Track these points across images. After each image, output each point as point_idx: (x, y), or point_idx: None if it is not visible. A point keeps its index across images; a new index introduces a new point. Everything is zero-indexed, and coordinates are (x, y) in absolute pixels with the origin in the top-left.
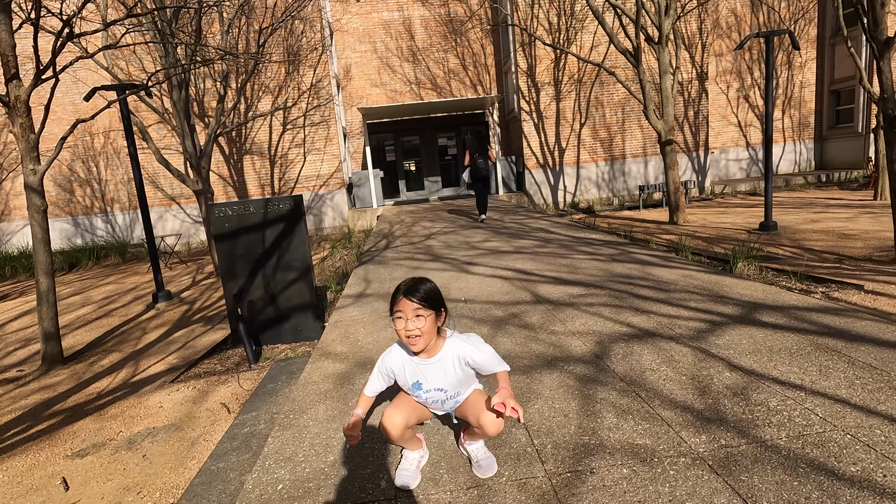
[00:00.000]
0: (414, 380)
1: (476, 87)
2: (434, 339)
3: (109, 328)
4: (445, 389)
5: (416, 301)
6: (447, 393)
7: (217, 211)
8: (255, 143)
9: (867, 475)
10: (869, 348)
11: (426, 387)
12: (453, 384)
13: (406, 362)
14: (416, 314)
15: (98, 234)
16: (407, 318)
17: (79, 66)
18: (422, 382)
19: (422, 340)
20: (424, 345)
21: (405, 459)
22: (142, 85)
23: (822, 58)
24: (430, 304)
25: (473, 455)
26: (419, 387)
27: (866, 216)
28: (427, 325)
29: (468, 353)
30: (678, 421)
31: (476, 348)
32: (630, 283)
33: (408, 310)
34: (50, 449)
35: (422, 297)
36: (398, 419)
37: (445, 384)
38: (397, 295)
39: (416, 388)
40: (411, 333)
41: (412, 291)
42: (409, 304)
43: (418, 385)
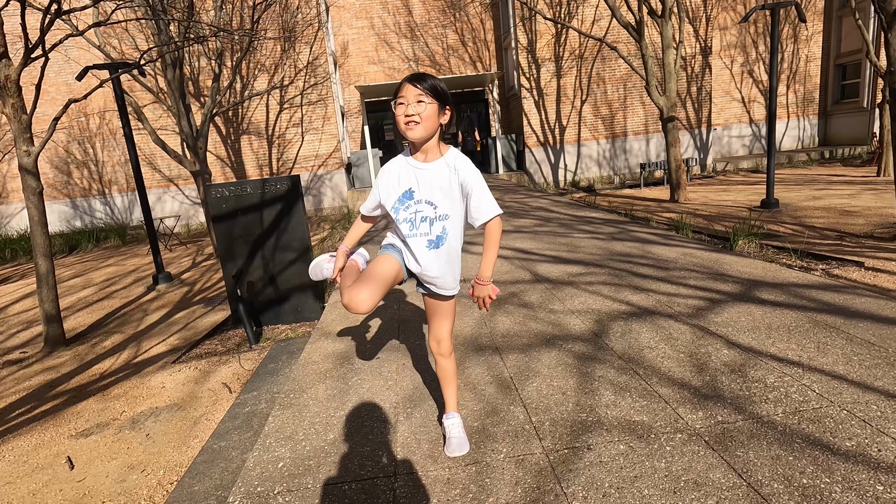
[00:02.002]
0: (407, 187)
1: (476, 64)
2: (435, 141)
3: (111, 310)
4: (435, 204)
5: (420, 87)
6: (436, 209)
7: (214, 192)
8: (253, 123)
9: (862, 450)
10: (867, 325)
11: (417, 196)
12: (444, 199)
13: (403, 167)
14: (418, 99)
15: (97, 216)
16: (408, 102)
17: (70, 45)
18: (414, 191)
19: (420, 128)
20: (422, 134)
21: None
22: (134, 63)
23: (828, 31)
24: (434, 94)
25: (447, 431)
26: (410, 196)
27: (869, 193)
28: (428, 111)
29: (465, 164)
30: (675, 398)
31: (476, 172)
32: (630, 262)
33: (410, 94)
34: (54, 429)
35: (427, 86)
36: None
37: (436, 197)
38: (401, 84)
39: (406, 197)
40: (410, 119)
41: (418, 78)
42: (413, 88)
43: (409, 194)
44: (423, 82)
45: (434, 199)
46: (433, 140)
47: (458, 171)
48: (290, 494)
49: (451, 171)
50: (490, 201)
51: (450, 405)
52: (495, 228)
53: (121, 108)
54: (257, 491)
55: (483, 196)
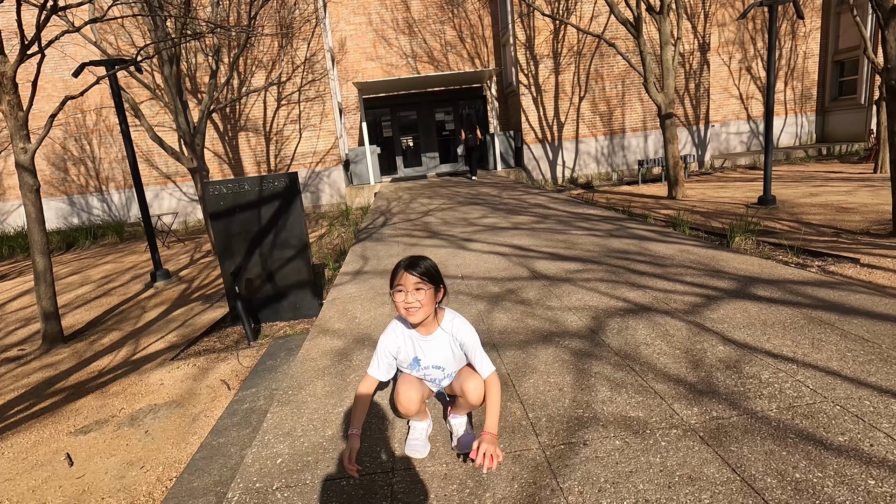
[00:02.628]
0: (413, 356)
1: (474, 60)
2: (432, 316)
3: (109, 307)
4: (443, 367)
5: (417, 275)
6: (444, 371)
7: (212, 189)
8: (250, 120)
9: (854, 445)
10: (862, 321)
11: (424, 363)
12: (450, 361)
13: (405, 338)
14: (416, 287)
15: (94, 213)
16: (407, 290)
17: (66, 42)
18: (420, 359)
19: (420, 312)
20: (423, 317)
21: (414, 430)
22: (131, 60)
23: (826, 27)
24: (430, 279)
25: (455, 429)
26: (417, 363)
27: (865, 189)
28: (426, 298)
29: (463, 330)
30: (671, 394)
31: (472, 333)
32: (627, 259)
33: (408, 283)
34: (53, 426)
35: (422, 271)
36: (414, 394)
37: (443, 361)
38: (398, 269)
39: (414, 364)
40: (411, 306)
41: (413, 266)
42: (410, 277)
43: (417, 361)
44: (418, 269)
45: (441, 364)
46: (430, 317)
47: (456, 337)
48: (288, 490)
49: (451, 338)
50: (485, 360)
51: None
52: (495, 384)
53: (118, 105)
54: (256, 487)
55: (480, 359)
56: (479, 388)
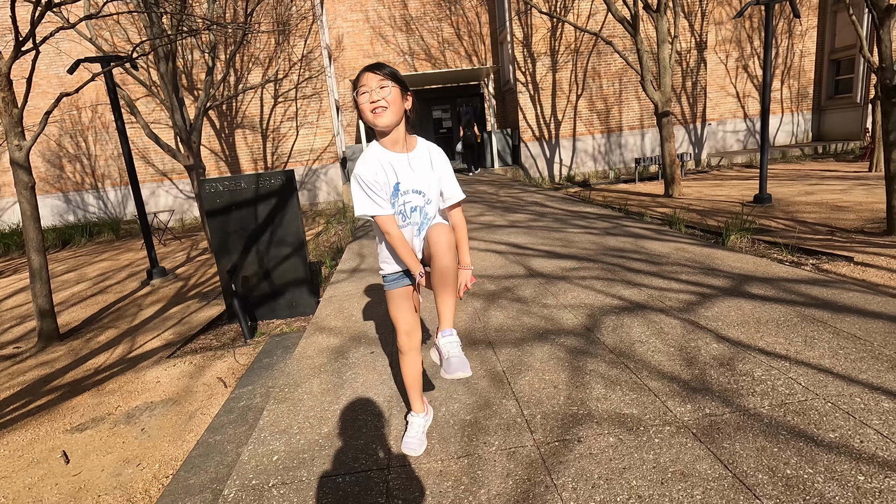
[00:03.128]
0: (393, 182)
1: (471, 58)
2: (403, 129)
3: (105, 305)
4: (423, 191)
5: (381, 73)
6: (425, 196)
7: (208, 186)
8: (247, 117)
9: (845, 441)
10: (854, 319)
11: (404, 186)
12: (429, 184)
13: (383, 161)
14: (381, 84)
15: (90, 210)
16: (370, 88)
17: (61, 38)
18: (399, 183)
19: (388, 113)
20: (391, 120)
21: (411, 426)
22: (127, 56)
23: (822, 26)
24: (395, 79)
25: (444, 350)
26: (397, 190)
27: (860, 188)
28: (393, 95)
29: (437, 150)
30: (665, 391)
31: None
32: (623, 257)
33: (371, 81)
34: (49, 424)
35: (387, 71)
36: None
37: (422, 184)
38: (359, 74)
39: (394, 193)
40: (377, 104)
41: (376, 66)
42: (373, 75)
43: (396, 189)
44: (383, 69)
45: (420, 187)
46: (401, 128)
47: (432, 156)
48: (284, 487)
49: (427, 156)
50: (457, 186)
51: (446, 322)
52: (461, 215)
53: (113, 102)
54: (252, 484)
55: (453, 181)
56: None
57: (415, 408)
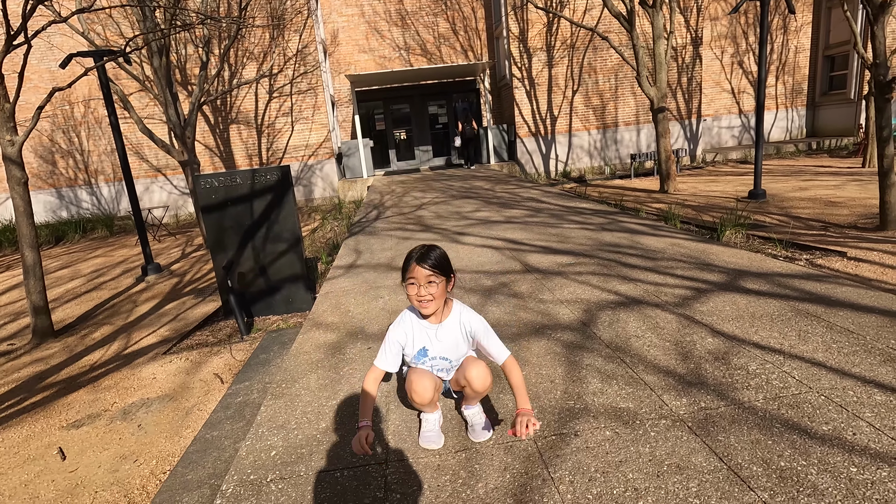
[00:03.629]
0: (420, 346)
1: (467, 53)
2: (442, 306)
3: (100, 301)
4: (449, 359)
5: (429, 268)
6: (451, 363)
7: (203, 182)
8: (242, 113)
9: (838, 434)
10: (847, 313)
11: (431, 353)
12: (456, 353)
13: (415, 327)
14: (429, 280)
15: (83, 206)
16: (420, 284)
17: (53, 32)
18: (428, 349)
19: (433, 304)
20: (435, 308)
21: (426, 422)
22: (120, 51)
23: (817, 22)
24: (441, 270)
25: (469, 419)
26: (425, 353)
27: (854, 184)
28: (438, 290)
29: (473, 320)
30: (660, 385)
31: (482, 322)
32: (618, 252)
33: (420, 276)
34: (45, 420)
35: (433, 263)
36: (429, 383)
37: (450, 352)
38: (409, 262)
39: (421, 355)
40: (423, 298)
41: (424, 258)
42: (422, 270)
43: (424, 352)
44: (429, 261)
45: (448, 355)
46: (442, 306)
47: (466, 326)
48: (282, 482)
49: (460, 326)
50: (500, 344)
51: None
52: (514, 366)
53: (106, 97)
54: (250, 479)
55: (495, 344)
56: (482, 374)
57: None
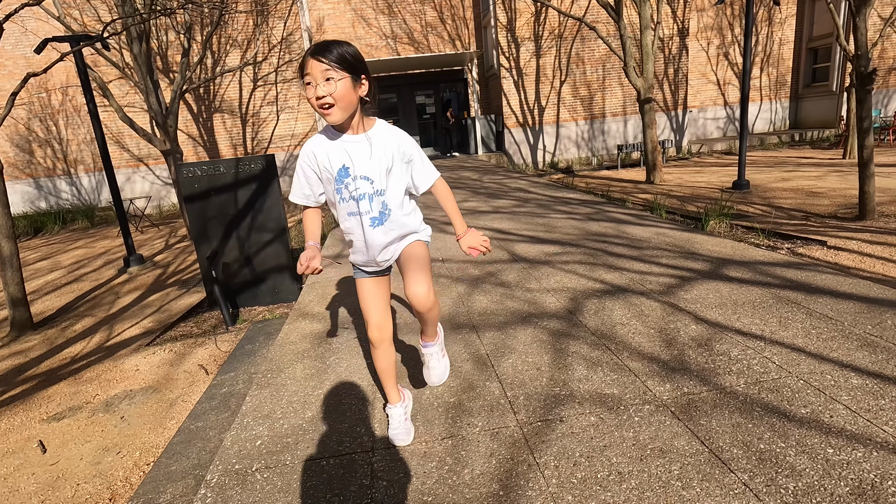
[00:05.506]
0: (340, 164)
1: (455, 43)
2: (359, 114)
3: (80, 293)
4: (372, 179)
5: (326, 61)
6: (373, 184)
7: (186, 171)
8: (225, 101)
9: (816, 416)
10: (826, 300)
11: (353, 172)
12: (381, 172)
13: (330, 144)
14: (326, 76)
15: (63, 197)
16: (316, 82)
17: (27, 16)
18: (348, 167)
19: (336, 110)
20: (341, 115)
21: (391, 418)
22: (97, 36)
23: (801, 14)
24: (344, 66)
25: (426, 359)
26: (346, 174)
27: (834, 175)
28: (340, 89)
29: (400, 134)
30: (645, 371)
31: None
32: (605, 242)
33: (316, 71)
34: (24, 413)
35: (334, 57)
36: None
37: (372, 171)
38: (304, 58)
39: (342, 176)
40: (323, 101)
41: (321, 50)
42: (318, 64)
43: (345, 171)
44: (330, 54)
45: (370, 174)
46: (357, 115)
47: (391, 139)
48: (268, 471)
49: (385, 140)
50: (430, 167)
51: (428, 336)
52: (443, 186)
53: (84, 84)
54: (235, 469)
55: (424, 163)
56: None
57: (391, 398)
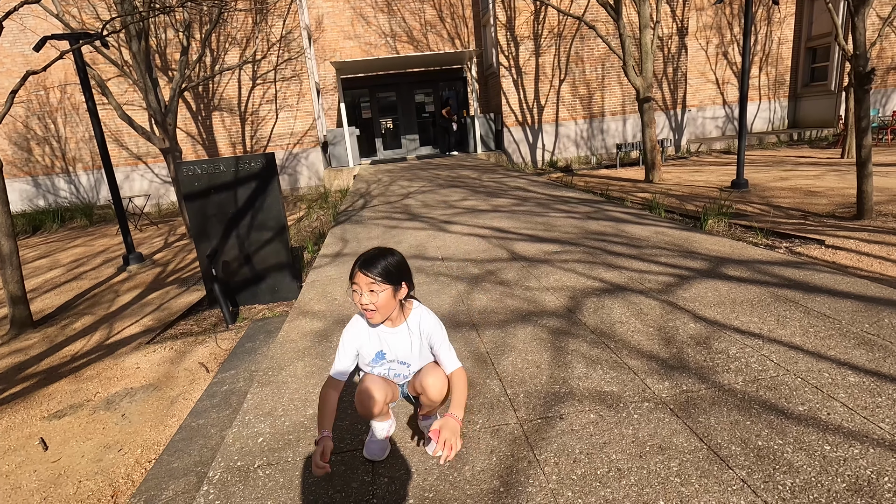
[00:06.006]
0: (377, 349)
1: (454, 41)
2: (398, 310)
3: (80, 291)
4: (408, 363)
5: (371, 275)
6: (409, 368)
7: (186, 169)
8: (224, 100)
9: (813, 413)
10: (824, 299)
11: (389, 357)
12: (416, 357)
13: (370, 331)
14: (370, 288)
15: (61, 195)
16: (362, 291)
17: (26, 14)
18: (385, 352)
19: (378, 315)
20: (382, 318)
21: (372, 432)
22: (96, 34)
23: (800, 13)
24: (387, 279)
25: (427, 432)
26: (382, 357)
27: (833, 174)
28: (382, 300)
29: (432, 324)
30: (644, 369)
31: (440, 327)
32: (604, 240)
33: (362, 283)
34: (25, 411)
35: (378, 271)
36: (378, 395)
37: (409, 356)
38: (354, 267)
39: (378, 358)
40: (366, 308)
41: (368, 265)
42: (364, 277)
43: (381, 355)
44: (374, 269)
45: (406, 359)
46: (395, 312)
47: (423, 332)
48: (270, 468)
49: (418, 332)
50: (451, 354)
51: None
52: (461, 379)
53: (83, 82)
54: (237, 465)
55: (446, 353)
56: (438, 383)
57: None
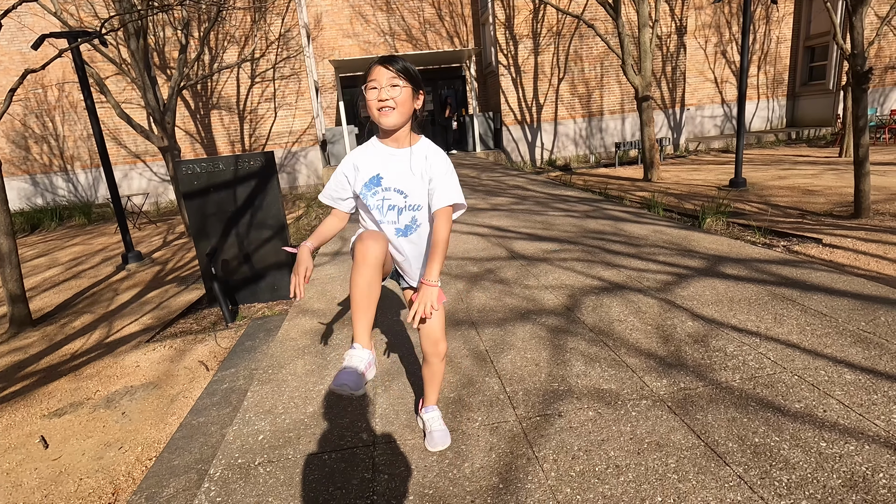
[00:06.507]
0: (375, 172)
1: (453, 40)
2: (408, 129)
3: (79, 290)
4: (405, 193)
5: (393, 70)
6: (406, 199)
7: (185, 168)
8: (223, 98)
9: (809, 411)
10: (821, 297)
11: (385, 183)
12: (414, 188)
13: (371, 152)
14: (392, 83)
15: (59, 193)
16: (381, 86)
17: (24, 12)
18: (382, 177)
19: (395, 114)
20: (397, 121)
21: (350, 357)
22: (95, 32)
23: (799, 12)
24: (408, 77)
25: (427, 424)
26: (377, 182)
27: (830, 173)
28: (403, 96)
29: (439, 154)
30: (642, 367)
31: (444, 156)
32: (602, 239)
33: (382, 77)
34: (25, 409)
35: (400, 67)
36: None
37: (408, 184)
38: (373, 65)
39: (373, 183)
40: (385, 104)
41: (390, 60)
42: (386, 71)
43: (377, 180)
44: (396, 64)
45: (404, 188)
46: (406, 128)
47: (427, 157)
48: (270, 465)
49: (423, 159)
50: (452, 187)
51: (430, 399)
52: (444, 220)
53: (81, 80)
54: (238, 463)
55: (448, 181)
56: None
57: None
